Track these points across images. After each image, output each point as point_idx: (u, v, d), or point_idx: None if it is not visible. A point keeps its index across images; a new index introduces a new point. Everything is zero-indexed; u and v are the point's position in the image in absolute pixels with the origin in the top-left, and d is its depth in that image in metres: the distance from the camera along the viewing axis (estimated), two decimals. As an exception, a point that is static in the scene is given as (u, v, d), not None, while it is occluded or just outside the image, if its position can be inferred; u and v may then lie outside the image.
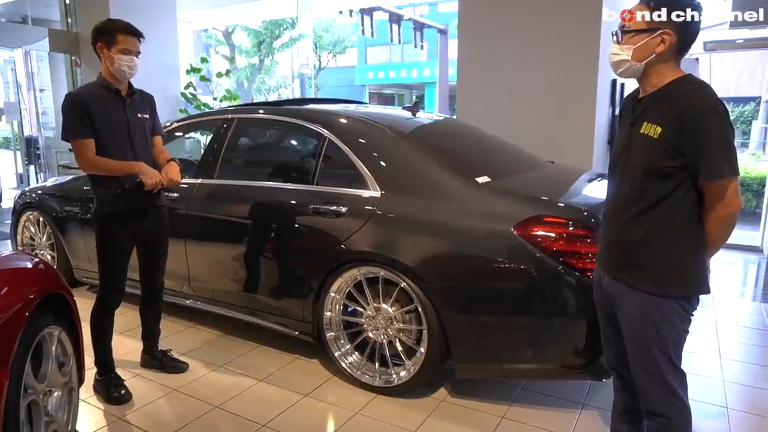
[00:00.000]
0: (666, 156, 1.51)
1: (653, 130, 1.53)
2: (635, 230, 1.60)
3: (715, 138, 1.45)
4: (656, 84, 1.58)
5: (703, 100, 1.48)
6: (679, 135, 1.49)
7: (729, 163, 1.48)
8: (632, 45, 1.57)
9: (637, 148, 1.59)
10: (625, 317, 1.68)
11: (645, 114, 1.58)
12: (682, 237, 1.57)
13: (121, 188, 2.49)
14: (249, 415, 2.47)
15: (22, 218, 4.19)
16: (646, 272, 1.60)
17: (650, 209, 1.57)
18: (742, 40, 7.31)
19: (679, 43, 1.55)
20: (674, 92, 1.54)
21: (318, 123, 2.96)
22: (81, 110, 2.38)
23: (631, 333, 1.67)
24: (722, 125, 1.47)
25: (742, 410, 2.55)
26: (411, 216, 2.55)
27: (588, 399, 2.60)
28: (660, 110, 1.54)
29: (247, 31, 22.90)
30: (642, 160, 1.57)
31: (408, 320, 2.59)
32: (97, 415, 2.48)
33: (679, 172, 1.52)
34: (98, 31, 2.43)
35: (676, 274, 1.58)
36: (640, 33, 1.55)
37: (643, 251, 1.60)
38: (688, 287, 1.59)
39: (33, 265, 2.01)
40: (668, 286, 1.58)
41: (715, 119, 1.46)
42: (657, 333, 1.60)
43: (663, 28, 1.53)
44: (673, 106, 1.51)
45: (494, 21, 4.75)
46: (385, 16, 15.03)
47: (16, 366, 1.59)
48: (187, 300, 3.36)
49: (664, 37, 1.53)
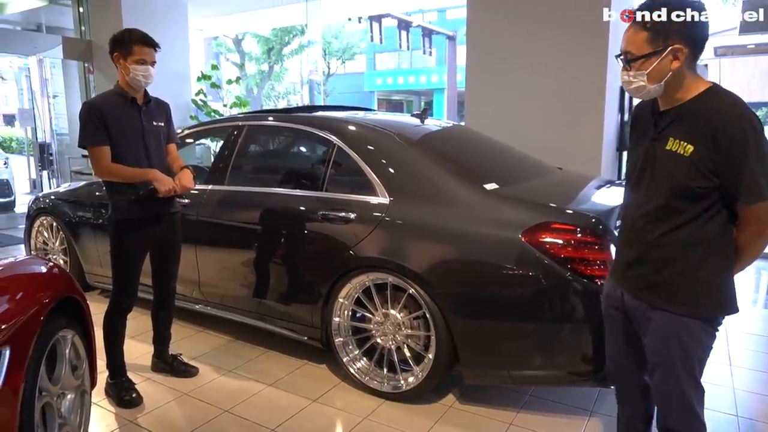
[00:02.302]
0: (698, 176, 1.42)
1: (683, 147, 1.44)
2: (663, 249, 1.52)
3: (755, 158, 1.37)
4: (680, 98, 1.49)
5: (739, 116, 1.39)
6: (714, 154, 1.39)
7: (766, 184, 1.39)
8: (644, 70, 1.47)
9: (665, 165, 1.49)
10: (651, 336, 1.60)
11: (671, 129, 1.49)
12: (712, 256, 1.49)
13: (136, 195, 2.53)
14: (258, 420, 2.49)
15: (35, 223, 4.25)
16: (675, 292, 1.53)
17: (680, 228, 1.49)
18: (753, 45, 7.28)
19: (693, 52, 1.46)
20: (705, 107, 1.44)
21: (327, 130, 2.98)
22: (97, 118, 2.43)
23: (657, 352, 1.60)
24: (761, 144, 1.38)
25: (752, 418, 2.53)
26: (419, 222, 2.57)
27: (596, 406, 2.59)
28: (690, 126, 1.44)
29: (257, 38, 23.11)
30: (671, 179, 1.47)
31: (416, 326, 2.59)
32: (109, 418, 2.51)
33: (712, 191, 1.43)
34: (115, 42, 2.48)
35: (707, 295, 1.51)
36: (648, 57, 1.46)
37: (672, 271, 1.52)
38: (719, 307, 1.53)
39: (47, 270, 2.05)
40: (698, 307, 1.52)
41: (754, 138, 1.37)
42: (684, 352, 1.54)
43: (671, 45, 1.43)
44: (706, 122, 1.41)
45: (502, 27, 4.77)
46: (394, 23, 15.11)
47: (31, 368, 1.61)
48: (197, 305, 3.39)
49: (677, 53, 1.44)
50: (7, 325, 1.55)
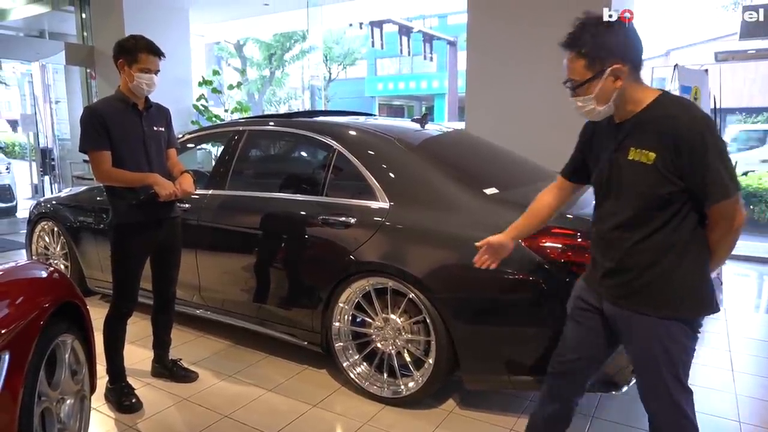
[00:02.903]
0: (664, 182, 1.46)
1: (645, 156, 1.47)
2: (639, 256, 1.55)
3: (715, 159, 1.41)
4: (633, 109, 1.53)
5: (695, 120, 1.44)
6: (676, 159, 1.43)
7: (733, 180, 1.44)
8: (590, 95, 1.52)
9: (630, 175, 1.52)
10: (634, 343, 1.63)
11: (630, 139, 1.52)
12: (687, 259, 1.52)
13: (136, 199, 2.53)
14: (257, 425, 2.48)
15: (36, 228, 4.25)
16: (654, 297, 1.55)
17: (653, 234, 1.52)
18: (754, 50, 7.29)
19: (633, 66, 1.50)
20: (660, 115, 1.48)
21: (327, 135, 2.99)
22: (99, 123, 2.44)
23: (642, 357, 1.62)
24: (719, 143, 1.43)
25: (755, 424, 2.52)
26: (419, 227, 2.57)
27: (597, 411, 2.58)
28: (649, 135, 1.48)
29: (258, 43, 23.21)
30: (638, 188, 1.51)
31: (416, 331, 2.59)
32: (108, 423, 2.51)
33: (679, 195, 1.47)
34: (121, 48, 2.49)
35: (685, 296, 1.54)
36: (591, 81, 1.50)
37: (650, 276, 1.54)
38: (698, 308, 1.55)
39: (47, 275, 2.05)
40: (679, 309, 1.54)
41: (711, 139, 1.41)
42: (668, 356, 1.55)
43: (610, 66, 1.47)
44: (664, 130, 1.45)
45: (503, 33, 4.78)
46: (395, 29, 15.17)
47: (30, 373, 1.61)
48: (198, 309, 3.39)
49: (617, 72, 1.48)
50: (6, 330, 1.55)
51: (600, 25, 1.51)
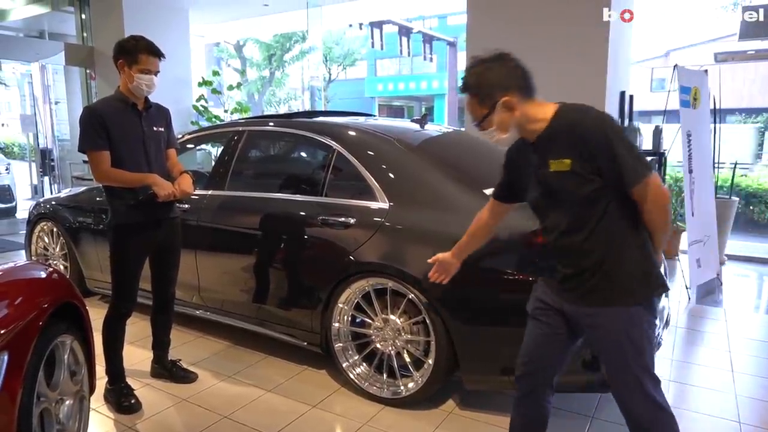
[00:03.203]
0: (585, 182, 1.58)
1: (563, 164, 1.60)
2: (589, 256, 1.65)
3: (622, 149, 1.54)
4: (539, 127, 1.65)
5: (594, 119, 1.57)
6: (590, 159, 1.56)
7: (642, 164, 1.57)
8: (492, 127, 1.67)
9: (557, 185, 1.64)
10: (598, 339, 1.70)
11: (547, 153, 1.64)
12: (631, 246, 1.63)
13: (135, 199, 2.53)
14: (257, 426, 2.48)
15: (36, 228, 4.25)
16: (611, 289, 1.64)
17: (594, 233, 1.63)
18: (753, 51, 7.30)
19: (523, 93, 1.64)
20: (563, 124, 1.60)
21: (327, 135, 2.99)
22: (98, 123, 2.44)
23: (609, 351, 1.68)
24: (621, 134, 1.57)
25: (755, 425, 2.51)
26: (419, 227, 2.57)
27: (597, 412, 2.58)
28: (560, 144, 1.60)
29: (258, 44, 23.22)
30: (567, 194, 1.62)
31: (416, 331, 2.59)
32: (108, 424, 2.50)
33: (603, 191, 1.59)
34: (121, 48, 2.49)
35: (639, 281, 1.64)
36: (487, 117, 1.66)
37: (603, 272, 1.64)
38: (650, 290, 1.66)
39: (47, 275, 2.04)
40: (633, 294, 1.63)
41: (613, 133, 1.55)
42: (633, 345, 1.63)
43: (498, 100, 1.62)
44: (571, 136, 1.58)
45: (502, 33, 4.78)
46: (395, 29, 15.17)
47: (29, 374, 1.61)
48: (197, 310, 3.39)
49: (508, 104, 1.62)
50: (5, 330, 1.55)
51: (480, 66, 1.67)
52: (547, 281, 1.84)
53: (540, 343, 1.83)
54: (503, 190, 1.91)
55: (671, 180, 5.92)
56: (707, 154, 4.90)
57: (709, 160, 4.95)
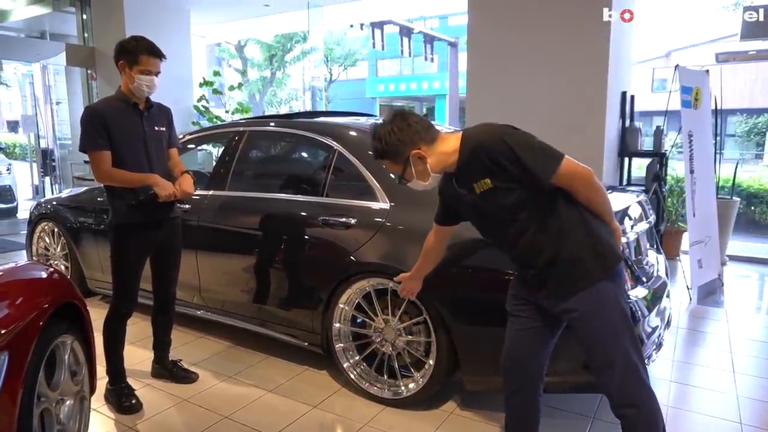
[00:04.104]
0: (508, 193, 1.70)
1: (484, 184, 1.72)
2: (543, 253, 1.74)
3: (524, 152, 1.64)
4: (453, 160, 1.77)
5: (493, 134, 1.69)
6: (504, 172, 1.67)
7: (547, 157, 1.67)
8: (413, 178, 1.82)
9: (488, 204, 1.75)
10: (580, 326, 1.76)
11: (467, 180, 1.76)
12: (576, 231, 1.73)
13: (136, 199, 2.53)
14: (258, 426, 2.48)
15: (37, 229, 4.26)
16: (574, 277, 1.73)
17: (538, 232, 1.73)
18: (755, 51, 7.29)
19: (427, 142, 1.78)
20: (467, 150, 1.72)
21: (328, 136, 2.99)
22: (99, 123, 2.44)
23: (591, 332, 1.74)
24: (517, 139, 1.67)
25: (756, 426, 2.51)
26: (420, 228, 2.55)
27: (598, 413, 2.57)
28: (474, 168, 1.72)
29: (259, 44, 23.21)
30: (499, 208, 1.74)
31: (416, 332, 2.59)
32: (108, 424, 2.51)
33: (529, 192, 1.69)
34: (122, 49, 2.49)
35: (593, 260, 1.72)
36: (404, 172, 1.82)
37: (563, 262, 1.73)
38: (607, 261, 1.74)
39: (47, 275, 2.04)
40: (595, 271, 1.71)
41: (511, 140, 1.66)
42: (609, 320, 1.71)
43: (407, 155, 1.77)
44: (479, 158, 1.69)
45: (503, 34, 4.78)
46: (396, 30, 15.17)
47: (30, 374, 1.61)
48: (198, 310, 3.39)
49: (416, 157, 1.77)
50: (6, 330, 1.55)
51: (382, 131, 1.80)
52: (519, 281, 1.93)
53: (520, 338, 1.91)
54: (441, 216, 2.03)
55: (672, 181, 5.91)
56: (709, 155, 4.90)
57: (710, 161, 4.94)
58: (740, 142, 20.91)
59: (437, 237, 2.11)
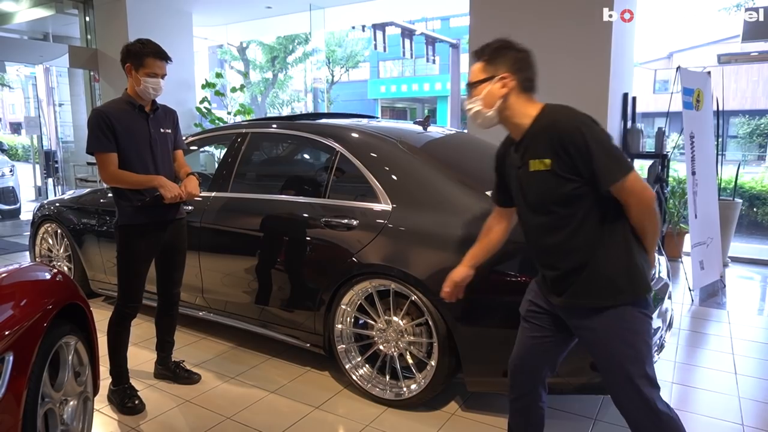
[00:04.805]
0: (565, 182, 1.59)
1: (543, 163, 1.61)
2: (572, 256, 1.65)
3: (597, 148, 1.54)
4: (523, 123, 1.67)
5: (573, 119, 1.58)
6: (567, 159, 1.57)
7: (620, 164, 1.56)
8: (479, 95, 1.70)
9: (536, 185, 1.65)
10: (591, 340, 1.69)
11: (528, 153, 1.65)
12: (615, 246, 1.63)
13: (142, 201, 2.55)
14: (260, 427, 2.48)
15: (40, 230, 4.27)
16: (597, 290, 1.64)
17: (576, 233, 1.63)
18: (757, 53, 7.29)
19: (521, 83, 1.68)
20: (545, 123, 1.63)
21: (330, 137, 3.00)
22: (105, 125, 2.46)
23: (601, 351, 1.68)
24: (598, 135, 1.56)
25: (758, 427, 2.51)
26: (422, 229, 2.57)
27: (600, 414, 2.58)
28: (541, 144, 1.62)
29: (261, 46, 23.24)
30: (546, 194, 1.64)
31: (418, 333, 2.59)
32: (111, 425, 2.51)
33: (583, 190, 1.59)
34: (128, 53, 2.51)
35: (624, 281, 1.62)
36: (481, 83, 1.70)
37: (591, 272, 1.64)
38: (637, 289, 1.64)
39: (51, 277, 2.05)
40: (620, 294, 1.62)
41: (590, 132, 1.55)
42: (623, 343, 1.62)
43: (500, 74, 1.67)
44: (551, 135, 1.59)
45: (504, 35, 4.78)
46: (398, 31, 15.18)
47: (34, 375, 1.62)
48: (200, 312, 3.40)
49: (504, 80, 1.67)
50: (10, 331, 1.56)
51: (505, 43, 1.73)
52: (538, 283, 1.84)
53: (531, 346, 1.85)
54: (499, 193, 1.91)
55: (674, 182, 5.91)
56: (710, 156, 4.89)
57: (712, 162, 4.94)
58: (742, 144, 20.88)
59: (497, 219, 1.96)
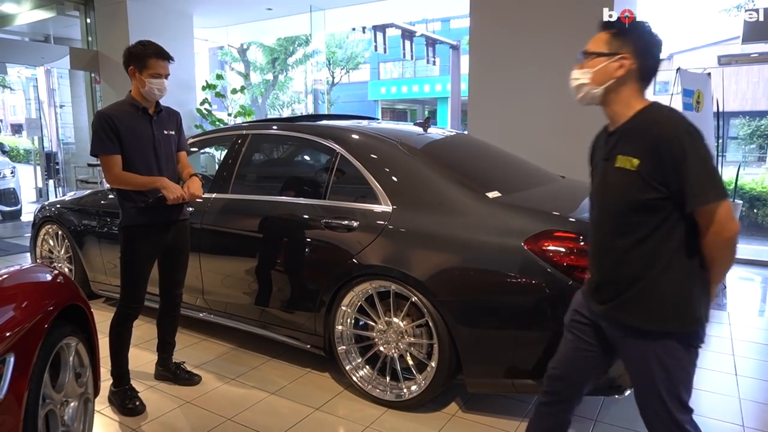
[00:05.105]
0: (647, 188, 1.45)
1: (630, 162, 1.48)
2: (628, 267, 1.53)
3: (695, 164, 1.40)
4: (624, 113, 1.54)
5: (676, 126, 1.44)
6: (658, 165, 1.43)
7: (715, 187, 1.41)
8: (591, 68, 1.57)
9: (615, 182, 1.53)
10: (628, 359, 1.61)
11: (618, 147, 1.53)
12: (676, 270, 1.49)
13: (145, 202, 2.56)
14: (261, 428, 2.48)
15: (41, 231, 4.28)
16: (643, 311, 1.52)
17: (639, 244, 1.50)
18: (757, 54, 7.28)
19: (640, 71, 1.53)
20: (645, 121, 1.50)
21: (330, 139, 3.00)
22: (109, 128, 2.47)
23: (638, 376, 1.59)
24: (699, 149, 1.41)
25: (758, 428, 2.51)
26: (422, 231, 2.57)
27: (600, 415, 2.58)
28: (633, 141, 1.49)
29: (261, 48, 23.26)
30: (623, 195, 1.51)
31: (419, 334, 2.59)
32: (112, 426, 2.52)
33: (663, 203, 1.45)
34: (131, 55, 2.52)
35: (675, 309, 1.49)
36: (599, 56, 1.55)
37: (638, 289, 1.51)
38: (688, 322, 1.50)
39: (52, 278, 2.06)
40: (667, 323, 1.50)
41: (691, 144, 1.40)
42: (666, 374, 1.51)
43: (623, 53, 1.52)
44: (647, 135, 1.46)
45: (505, 37, 4.79)
46: (398, 33, 15.22)
47: (35, 376, 1.62)
48: (201, 313, 3.40)
49: (624, 61, 1.52)
50: (11, 333, 1.57)
51: (645, 25, 1.57)
52: (584, 290, 1.74)
53: (572, 357, 1.74)
54: None
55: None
56: (711, 157, 4.89)
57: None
58: (743, 145, 20.87)
59: None
